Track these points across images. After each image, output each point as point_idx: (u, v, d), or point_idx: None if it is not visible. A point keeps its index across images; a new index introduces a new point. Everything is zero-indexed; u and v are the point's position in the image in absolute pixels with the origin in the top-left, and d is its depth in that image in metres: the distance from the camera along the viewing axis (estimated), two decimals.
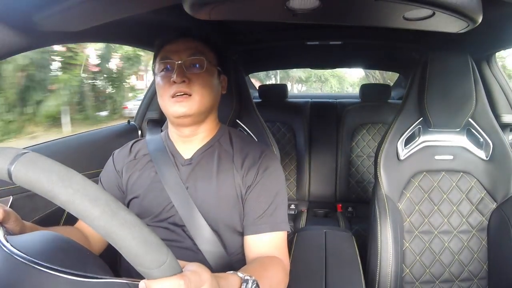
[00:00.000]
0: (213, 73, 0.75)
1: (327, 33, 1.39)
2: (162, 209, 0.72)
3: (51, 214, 0.84)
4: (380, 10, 0.58)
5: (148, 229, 0.35)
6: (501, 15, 0.80)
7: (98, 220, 0.33)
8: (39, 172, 0.34)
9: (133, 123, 1.46)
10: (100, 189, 0.35)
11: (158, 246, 0.35)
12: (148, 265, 0.34)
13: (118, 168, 0.79)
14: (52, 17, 0.60)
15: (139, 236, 0.34)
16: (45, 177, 0.33)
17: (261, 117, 1.01)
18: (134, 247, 0.33)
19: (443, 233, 0.98)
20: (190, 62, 0.71)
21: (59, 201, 0.33)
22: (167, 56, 0.72)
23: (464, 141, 0.99)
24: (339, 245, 0.91)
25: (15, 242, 0.41)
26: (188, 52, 0.72)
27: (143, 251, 0.34)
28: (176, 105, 0.70)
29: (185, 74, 0.70)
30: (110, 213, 0.33)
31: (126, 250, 0.34)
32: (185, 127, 0.75)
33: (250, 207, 0.72)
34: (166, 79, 0.71)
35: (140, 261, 0.34)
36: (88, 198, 0.33)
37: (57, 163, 0.35)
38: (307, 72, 16.17)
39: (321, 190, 1.90)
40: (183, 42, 0.73)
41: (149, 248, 0.34)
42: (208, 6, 0.54)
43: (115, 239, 0.33)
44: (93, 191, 0.34)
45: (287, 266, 0.71)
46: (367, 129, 1.88)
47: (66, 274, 0.37)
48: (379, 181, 0.98)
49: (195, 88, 0.70)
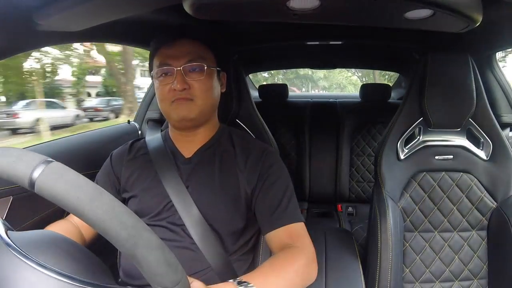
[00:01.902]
0: (213, 75, 0.74)
1: (327, 33, 1.38)
2: (161, 208, 0.72)
3: (51, 214, 0.84)
4: (380, 10, 0.59)
5: (168, 250, 0.37)
6: (501, 15, 0.80)
7: (125, 241, 0.34)
8: (67, 188, 0.33)
9: (133, 123, 1.46)
10: (127, 210, 0.36)
11: (175, 266, 0.37)
12: (165, 284, 0.36)
13: (116, 169, 0.79)
14: (52, 17, 0.60)
15: (161, 258, 0.35)
16: (73, 194, 0.33)
17: (261, 117, 1.01)
18: (155, 267, 0.35)
19: (443, 233, 0.98)
20: (190, 67, 0.70)
21: (86, 220, 0.34)
22: (166, 61, 0.71)
23: (464, 141, 0.99)
24: (339, 245, 0.91)
25: (16, 238, 0.40)
26: (188, 57, 0.70)
27: (162, 272, 0.35)
28: (178, 109, 0.70)
29: (186, 80, 0.69)
30: (137, 236, 0.34)
31: (148, 270, 0.35)
32: (187, 130, 0.75)
33: (263, 206, 0.72)
34: (166, 86, 0.70)
35: (159, 280, 0.36)
36: (116, 220, 0.34)
37: (85, 179, 0.35)
38: (329, 81, 18.64)
39: (321, 190, 1.90)
40: (181, 45, 0.72)
41: (168, 269, 0.36)
42: (208, 6, 0.54)
43: (139, 260, 0.35)
44: (121, 212, 0.35)
45: (311, 254, 0.68)
46: (367, 129, 1.88)
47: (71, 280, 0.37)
48: (379, 181, 0.98)
49: (196, 93, 0.70)
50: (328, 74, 16.71)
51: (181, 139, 0.78)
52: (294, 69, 12.31)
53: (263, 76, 11.21)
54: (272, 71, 11.07)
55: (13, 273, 0.37)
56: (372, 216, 0.98)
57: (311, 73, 17.07)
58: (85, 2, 0.54)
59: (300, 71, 14.99)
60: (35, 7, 0.59)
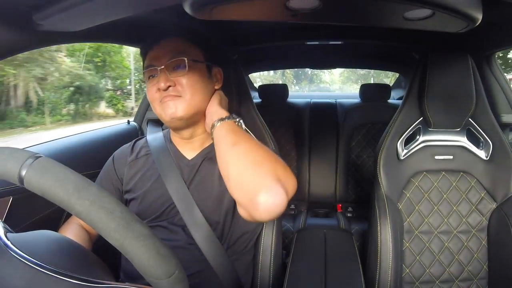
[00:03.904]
0: (200, 70, 0.72)
1: (327, 33, 1.38)
2: (164, 209, 0.72)
3: (51, 214, 0.84)
4: (380, 10, 0.58)
5: (160, 241, 0.36)
6: (501, 15, 0.80)
7: (113, 232, 0.33)
8: (54, 180, 0.33)
9: (133, 123, 1.46)
10: (116, 201, 0.35)
11: (168, 258, 0.36)
12: (158, 275, 0.35)
13: (118, 170, 0.79)
14: (52, 17, 0.60)
15: (152, 249, 0.34)
16: (60, 186, 0.33)
17: (261, 117, 1.01)
18: (147, 259, 0.34)
19: (443, 233, 0.98)
20: (173, 65, 0.70)
21: (74, 211, 0.33)
22: (151, 63, 0.71)
23: (464, 141, 0.99)
24: (339, 245, 0.91)
25: (15, 240, 0.40)
26: (169, 55, 0.70)
27: (154, 263, 0.35)
28: (166, 109, 0.69)
29: (169, 78, 0.69)
30: (126, 225, 0.34)
31: (139, 261, 0.34)
32: (182, 130, 0.74)
33: None
34: (153, 87, 0.70)
35: (151, 272, 0.35)
36: (104, 210, 0.33)
37: (72, 172, 0.35)
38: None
39: (321, 190, 1.90)
40: (163, 45, 0.71)
41: (161, 260, 0.35)
42: (208, 6, 0.54)
43: (129, 251, 0.34)
44: (108, 202, 0.34)
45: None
46: (367, 129, 1.88)
47: (70, 278, 0.37)
48: (379, 181, 0.98)
49: (182, 90, 0.69)
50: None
51: (182, 142, 0.78)
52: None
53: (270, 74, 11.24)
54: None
55: (12, 274, 0.37)
56: (372, 216, 0.98)
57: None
58: (85, 2, 0.54)
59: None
60: (35, 7, 0.59)
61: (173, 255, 0.37)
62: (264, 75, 13.30)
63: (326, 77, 15.24)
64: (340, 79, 14.00)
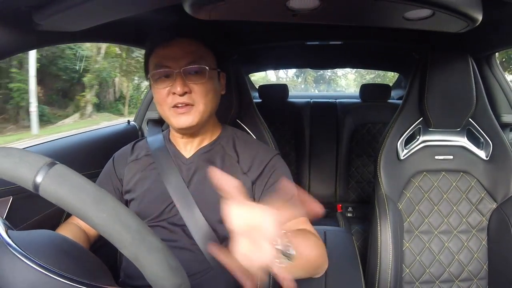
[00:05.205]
0: (214, 78, 0.71)
1: (327, 33, 1.38)
2: (163, 209, 0.72)
3: (51, 214, 0.84)
4: (380, 10, 0.59)
5: (171, 254, 0.37)
6: (501, 15, 0.80)
7: (130, 245, 0.34)
8: (71, 190, 0.33)
9: (133, 123, 1.46)
10: (131, 214, 0.36)
11: (178, 270, 0.37)
12: (167, 287, 0.36)
13: (118, 171, 0.79)
14: (52, 17, 0.60)
15: (164, 262, 0.36)
16: (78, 198, 0.33)
17: (261, 117, 1.01)
18: (158, 271, 0.35)
19: (443, 233, 0.98)
20: (192, 70, 0.67)
21: (91, 223, 0.34)
22: (164, 63, 0.67)
23: (464, 141, 0.99)
24: (339, 245, 0.90)
25: (16, 238, 0.40)
26: (187, 58, 0.67)
27: (165, 275, 0.36)
28: (179, 118, 0.68)
29: (186, 83, 0.66)
30: (140, 239, 0.35)
31: (150, 273, 0.36)
32: (186, 134, 0.75)
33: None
34: (165, 89, 0.68)
35: (161, 283, 0.36)
36: (120, 224, 0.34)
37: (88, 182, 0.35)
38: None
39: (321, 190, 1.90)
40: (180, 45, 0.68)
41: (171, 272, 0.36)
42: (208, 6, 0.54)
43: (142, 263, 0.35)
44: (125, 216, 0.35)
45: (322, 243, 0.66)
46: (367, 129, 1.88)
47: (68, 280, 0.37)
48: (379, 181, 0.98)
49: (197, 98, 0.67)
50: None
51: (182, 141, 0.78)
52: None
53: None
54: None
55: (12, 272, 0.37)
56: (372, 216, 0.98)
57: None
58: (84, 2, 0.54)
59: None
60: (35, 7, 0.59)
61: (181, 268, 0.38)
62: (289, 79, 13.39)
63: (342, 82, 15.54)
64: (354, 84, 14.27)
